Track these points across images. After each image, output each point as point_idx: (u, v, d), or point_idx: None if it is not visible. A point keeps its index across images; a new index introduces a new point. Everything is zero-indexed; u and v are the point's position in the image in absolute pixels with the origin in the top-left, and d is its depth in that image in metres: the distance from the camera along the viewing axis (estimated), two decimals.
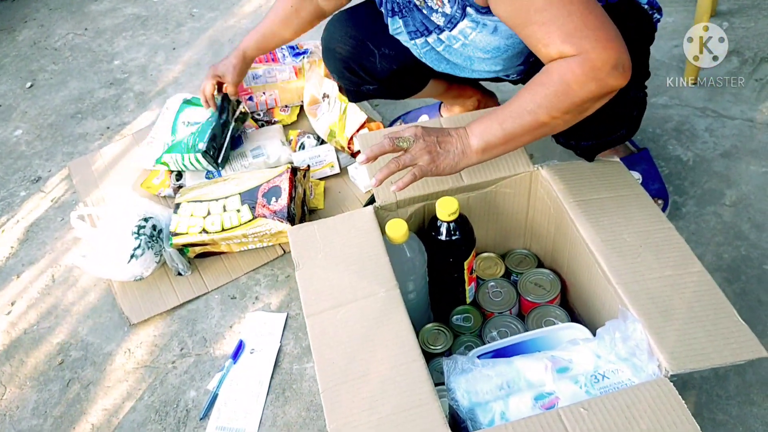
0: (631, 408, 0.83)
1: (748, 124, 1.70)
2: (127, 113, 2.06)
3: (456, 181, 1.16)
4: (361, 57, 1.39)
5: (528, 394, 0.89)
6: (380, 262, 1.04)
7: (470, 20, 1.13)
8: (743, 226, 1.48)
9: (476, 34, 1.16)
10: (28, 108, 2.14)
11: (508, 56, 1.21)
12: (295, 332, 1.41)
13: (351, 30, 1.39)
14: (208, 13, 2.46)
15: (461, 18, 1.13)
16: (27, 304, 1.55)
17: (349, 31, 1.39)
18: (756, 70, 1.83)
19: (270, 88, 1.86)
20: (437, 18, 1.17)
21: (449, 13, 1.14)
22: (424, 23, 1.21)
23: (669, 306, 0.94)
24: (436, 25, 1.19)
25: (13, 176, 1.90)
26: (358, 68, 1.41)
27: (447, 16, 1.15)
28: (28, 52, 2.40)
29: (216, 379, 1.35)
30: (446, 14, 1.15)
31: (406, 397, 0.87)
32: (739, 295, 1.35)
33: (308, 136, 1.78)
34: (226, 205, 1.51)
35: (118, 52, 2.34)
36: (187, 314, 1.48)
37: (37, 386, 1.39)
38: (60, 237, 1.69)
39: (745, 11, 2.02)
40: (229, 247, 1.53)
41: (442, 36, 1.20)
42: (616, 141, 1.26)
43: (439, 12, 1.16)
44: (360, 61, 1.39)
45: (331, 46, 1.42)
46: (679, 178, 1.59)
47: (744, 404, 1.20)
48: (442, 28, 1.19)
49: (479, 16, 1.11)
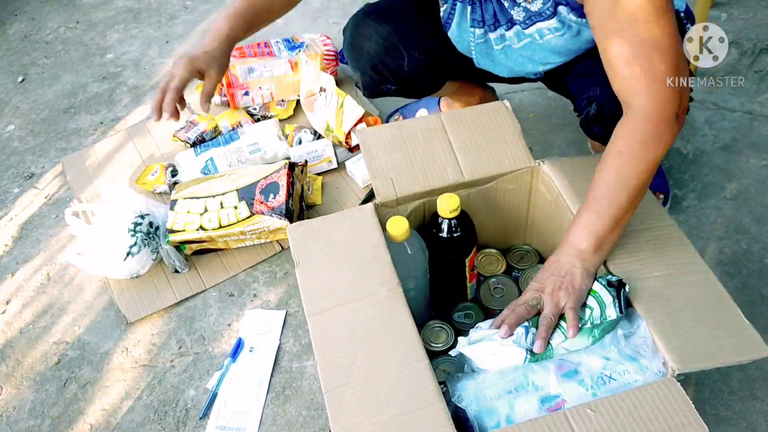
0: (638, 408, 0.82)
1: (748, 117, 1.70)
2: (121, 108, 2.03)
3: (457, 177, 1.14)
4: (390, 58, 1.34)
5: (534, 396, 0.88)
6: (381, 260, 1.03)
7: (558, 20, 1.11)
8: (744, 220, 1.47)
9: (555, 36, 1.15)
10: (20, 103, 2.11)
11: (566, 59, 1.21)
12: (295, 330, 1.40)
13: (382, 29, 1.33)
14: (201, 5, 2.44)
15: (549, 17, 1.11)
16: (22, 303, 1.53)
17: (380, 30, 1.33)
18: (755, 62, 1.82)
19: (266, 82, 1.83)
20: (517, 12, 1.14)
21: (535, 10, 1.11)
22: (496, 15, 1.18)
23: (673, 305, 0.93)
24: (510, 18, 1.16)
25: (6, 173, 1.88)
26: (384, 69, 1.37)
27: (530, 12, 1.12)
28: (19, 45, 2.37)
29: (215, 377, 1.34)
30: (529, 10, 1.12)
31: (410, 398, 0.86)
32: (741, 290, 1.35)
33: (305, 130, 1.77)
34: (223, 202, 1.49)
35: (111, 45, 2.31)
36: (185, 312, 1.46)
37: (34, 386, 1.38)
38: (54, 234, 1.67)
39: (743, 2, 2.01)
40: (226, 244, 1.52)
41: (509, 33, 1.18)
42: None
43: (522, 6, 1.13)
44: (388, 62, 1.35)
45: (360, 43, 1.36)
46: (679, 171, 1.58)
47: (747, 400, 1.20)
48: (514, 22, 1.16)
49: (571, 15, 1.09)
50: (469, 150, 1.18)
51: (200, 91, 1.97)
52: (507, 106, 1.23)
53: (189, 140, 1.79)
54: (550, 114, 1.77)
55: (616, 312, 0.92)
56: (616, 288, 0.94)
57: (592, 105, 1.21)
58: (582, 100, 1.23)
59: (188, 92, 2.03)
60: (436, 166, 1.15)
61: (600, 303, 0.94)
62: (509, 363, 0.93)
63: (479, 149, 1.17)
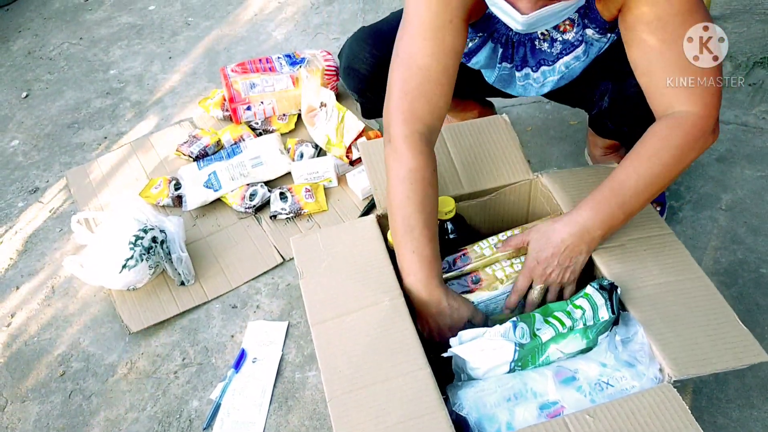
0: (636, 414, 0.84)
1: (742, 129, 1.72)
2: (124, 122, 2.06)
3: (457, 189, 1.17)
4: (383, 77, 1.36)
5: (533, 403, 0.90)
6: (383, 270, 1.05)
7: (584, 48, 1.14)
8: (739, 230, 1.49)
9: (579, 64, 1.17)
10: (24, 118, 2.14)
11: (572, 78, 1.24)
12: (297, 341, 1.42)
13: (374, 49, 1.35)
14: (203, 21, 2.47)
15: (578, 45, 1.13)
16: (27, 316, 1.55)
17: (372, 50, 1.35)
18: (749, 75, 1.85)
19: (267, 97, 1.86)
20: (554, 48, 1.16)
21: (571, 39, 1.13)
22: (526, 57, 1.20)
23: (670, 312, 0.95)
24: (542, 59, 1.18)
25: (11, 187, 1.90)
26: (379, 88, 1.39)
27: (566, 44, 1.14)
28: (23, 61, 2.40)
29: (218, 388, 1.35)
30: (567, 41, 1.14)
31: (413, 406, 0.88)
32: (737, 299, 1.36)
33: (306, 144, 1.79)
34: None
35: (114, 61, 2.34)
36: (189, 324, 1.48)
37: (39, 398, 1.39)
38: (59, 247, 1.69)
39: (737, 16, 2.04)
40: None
41: (535, 74, 1.21)
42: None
43: (559, 41, 1.14)
44: (382, 81, 1.38)
45: (353, 65, 1.38)
46: (675, 182, 1.61)
47: (744, 407, 1.21)
48: (545, 63, 1.18)
49: (596, 34, 1.11)
50: (468, 162, 1.20)
51: (203, 105, 2.00)
52: (506, 119, 1.26)
53: (192, 154, 1.81)
54: (547, 127, 1.79)
55: (608, 313, 0.94)
56: (608, 291, 0.96)
57: (604, 98, 1.22)
58: (594, 95, 1.24)
59: (191, 107, 2.07)
60: None
61: (592, 305, 0.96)
62: (499, 358, 0.94)
63: (479, 162, 1.20)
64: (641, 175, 0.98)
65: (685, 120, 0.97)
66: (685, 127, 0.97)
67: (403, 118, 1.07)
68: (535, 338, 0.96)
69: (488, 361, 0.96)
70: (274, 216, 1.65)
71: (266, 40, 2.32)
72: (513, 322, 0.97)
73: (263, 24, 2.41)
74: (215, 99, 1.98)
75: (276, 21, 2.41)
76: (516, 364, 0.96)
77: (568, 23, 1.11)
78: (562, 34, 1.13)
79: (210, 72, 2.21)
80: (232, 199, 1.68)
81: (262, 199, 1.67)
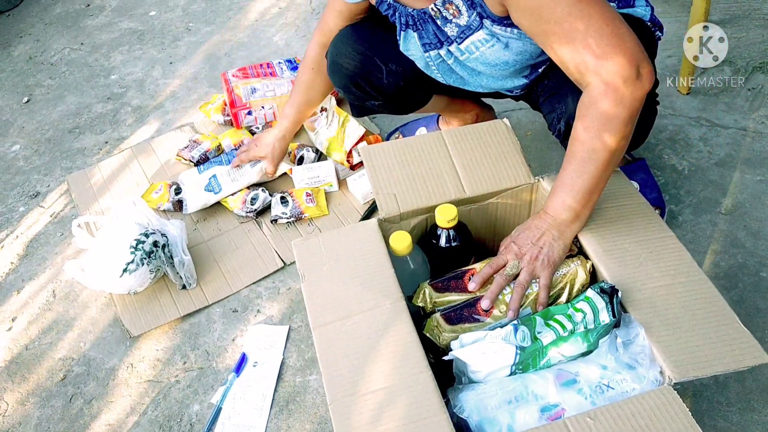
0: (636, 417, 0.84)
1: (742, 133, 1.73)
2: (125, 127, 2.06)
3: (458, 193, 1.17)
4: (368, 72, 1.39)
5: (534, 406, 0.90)
6: (385, 273, 1.05)
7: (486, 32, 1.15)
8: (739, 234, 1.50)
9: (487, 48, 1.18)
10: (25, 123, 2.14)
11: (514, 71, 1.24)
12: (298, 345, 1.42)
13: (358, 45, 1.39)
14: (204, 27, 2.48)
15: (477, 29, 1.15)
16: (28, 320, 1.55)
17: (356, 46, 1.39)
18: (748, 80, 1.86)
19: (268, 101, 1.87)
20: (450, 29, 1.19)
21: (464, 24, 1.16)
22: (437, 35, 1.22)
23: (671, 314, 0.96)
24: (447, 36, 1.21)
25: (12, 191, 1.90)
26: (364, 84, 1.41)
27: (461, 27, 1.17)
28: (24, 67, 2.41)
29: (219, 392, 1.35)
30: (460, 25, 1.16)
31: (413, 409, 0.88)
32: (737, 303, 1.37)
33: (307, 149, 1.79)
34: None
35: (115, 66, 2.35)
36: (189, 328, 1.48)
37: (40, 402, 1.39)
38: (60, 252, 1.69)
39: (736, 21, 2.05)
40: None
41: (452, 48, 1.22)
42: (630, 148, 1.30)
43: (453, 23, 1.17)
44: (367, 76, 1.40)
45: (338, 60, 1.42)
46: (675, 187, 1.61)
47: (744, 411, 1.21)
48: (452, 39, 1.20)
49: (495, 27, 1.13)
50: (470, 166, 1.20)
51: (204, 110, 2.00)
52: (507, 124, 1.26)
53: (193, 159, 1.81)
54: (547, 132, 1.79)
55: (609, 316, 0.94)
56: (609, 294, 0.96)
57: (561, 122, 1.24)
58: (552, 119, 1.26)
59: (192, 111, 2.07)
60: (438, 183, 1.18)
61: (593, 308, 0.96)
62: (500, 361, 0.95)
63: (480, 166, 1.20)
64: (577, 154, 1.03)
65: (596, 90, 0.99)
66: (601, 97, 0.99)
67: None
68: (536, 341, 0.96)
69: (489, 365, 0.96)
70: (274, 220, 1.65)
71: (267, 45, 2.33)
72: (514, 325, 0.97)
73: (264, 29, 2.42)
74: (216, 104, 1.98)
75: (276, 26, 2.42)
76: (517, 367, 0.96)
77: (454, 9, 1.14)
78: (453, 17, 1.16)
79: (211, 77, 2.22)
80: (233, 203, 1.68)
81: (263, 204, 1.67)
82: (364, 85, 1.41)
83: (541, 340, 0.96)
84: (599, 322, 0.96)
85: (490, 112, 1.73)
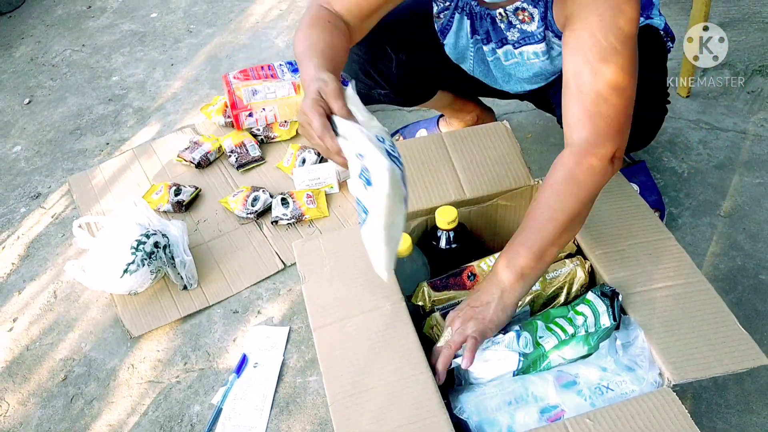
0: (635, 418, 0.84)
1: (741, 136, 1.73)
2: (127, 129, 2.07)
3: (458, 195, 1.18)
4: (378, 61, 1.38)
5: (534, 407, 0.90)
6: None
7: (545, 45, 1.15)
8: (738, 237, 1.50)
9: (537, 60, 1.19)
10: (26, 124, 2.15)
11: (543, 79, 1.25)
12: (298, 346, 1.42)
13: (371, 34, 1.35)
14: (205, 29, 2.48)
15: (539, 40, 1.15)
16: (29, 320, 1.55)
17: (369, 35, 1.36)
18: (748, 83, 1.86)
19: (269, 103, 1.87)
20: (512, 33, 1.18)
21: (532, 31, 1.15)
22: (489, 33, 1.22)
23: (670, 316, 0.96)
24: (504, 37, 1.20)
25: (13, 192, 1.91)
26: (374, 72, 1.41)
27: (525, 33, 1.16)
28: (25, 68, 2.41)
29: (220, 393, 1.35)
30: (525, 31, 1.16)
31: (413, 410, 0.89)
32: (736, 305, 1.37)
33: (309, 150, 1.80)
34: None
35: (116, 68, 2.35)
36: (190, 329, 1.48)
37: (41, 403, 1.39)
38: (61, 253, 1.70)
39: (736, 24, 2.05)
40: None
41: (499, 51, 1.22)
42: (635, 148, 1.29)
43: (517, 28, 1.16)
44: (377, 65, 1.39)
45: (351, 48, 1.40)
46: (674, 189, 1.62)
47: (743, 413, 1.22)
48: (509, 42, 1.20)
49: (554, 39, 1.14)
50: (470, 169, 1.21)
51: (205, 112, 2.01)
52: (507, 126, 1.27)
53: (194, 161, 1.82)
54: (547, 134, 1.80)
55: (610, 320, 0.95)
56: (610, 298, 0.96)
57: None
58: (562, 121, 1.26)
59: (193, 113, 2.08)
60: (438, 184, 1.19)
61: (594, 311, 0.97)
62: (503, 368, 0.95)
63: (480, 168, 1.21)
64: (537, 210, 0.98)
65: (578, 149, 0.97)
66: (578, 158, 0.97)
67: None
68: (539, 347, 0.96)
69: (492, 372, 0.97)
70: (275, 221, 1.66)
71: (268, 48, 2.34)
72: (516, 331, 0.97)
73: (265, 31, 2.42)
74: (217, 106, 1.99)
75: (278, 28, 2.42)
76: (519, 372, 0.97)
77: (527, 15, 1.13)
78: (521, 22, 1.15)
79: (212, 79, 2.22)
80: (234, 204, 1.69)
81: (263, 205, 1.68)
82: (373, 74, 1.41)
83: (543, 346, 0.96)
84: (600, 326, 0.96)
85: (491, 114, 1.74)
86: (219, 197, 1.76)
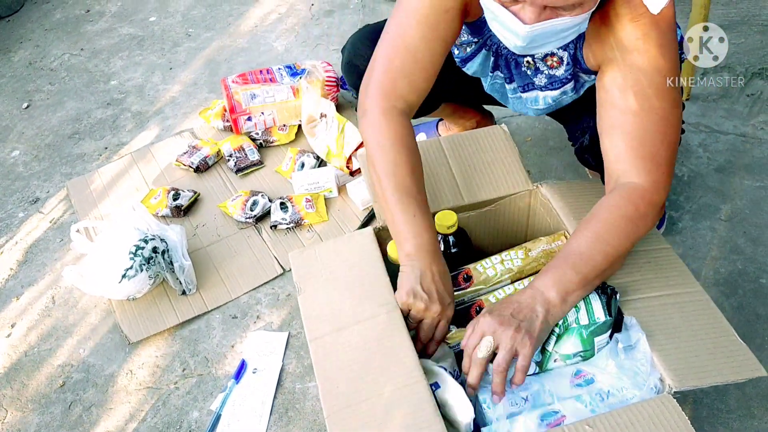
0: (635, 424, 0.84)
1: (741, 139, 1.73)
2: (125, 133, 2.06)
3: (457, 200, 1.17)
4: None
5: (534, 413, 0.90)
6: (381, 283, 1.04)
7: (573, 83, 1.14)
8: (739, 240, 1.50)
9: (568, 96, 1.18)
10: (25, 129, 2.14)
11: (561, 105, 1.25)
12: (297, 351, 1.42)
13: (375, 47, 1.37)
14: (204, 33, 2.48)
15: (568, 81, 1.14)
16: (27, 326, 1.55)
17: (372, 47, 1.34)
18: (747, 86, 1.86)
19: (268, 107, 1.87)
20: (539, 79, 1.16)
21: (560, 75, 1.13)
22: (513, 75, 1.20)
23: (670, 323, 0.95)
24: (530, 82, 1.18)
25: (11, 197, 1.90)
26: None
27: (553, 78, 1.15)
28: (24, 72, 2.41)
29: (219, 399, 1.35)
30: (553, 76, 1.14)
31: (410, 420, 0.88)
32: (737, 309, 1.37)
33: (308, 155, 1.80)
34: None
35: (115, 72, 2.35)
36: (189, 334, 1.48)
37: (39, 409, 1.39)
38: (59, 258, 1.69)
39: (735, 27, 2.05)
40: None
41: (525, 94, 1.22)
42: None
43: (544, 73, 1.15)
44: None
45: (355, 62, 1.38)
46: (674, 193, 1.61)
47: (745, 418, 1.21)
48: (533, 87, 1.18)
49: (582, 74, 1.12)
50: (468, 173, 1.20)
51: (203, 116, 2.00)
52: (505, 130, 1.26)
53: (192, 165, 1.82)
54: (546, 138, 1.80)
55: (604, 315, 0.94)
56: (608, 295, 0.96)
57: (585, 135, 1.23)
58: (576, 131, 1.26)
59: (191, 117, 2.07)
60: (436, 190, 1.18)
61: (586, 303, 0.96)
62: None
63: (478, 172, 1.20)
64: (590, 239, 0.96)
65: (635, 192, 0.97)
66: (635, 200, 0.97)
67: (383, 93, 1.07)
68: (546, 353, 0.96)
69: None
70: (274, 226, 1.65)
71: (267, 51, 2.33)
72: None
73: (264, 35, 2.42)
74: (216, 110, 1.98)
75: (276, 32, 2.42)
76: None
77: (556, 60, 1.11)
78: (550, 69, 1.14)
79: (210, 83, 2.22)
80: (233, 208, 1.69)
81: (262, 209, 1.67)
82: None
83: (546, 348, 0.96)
84: (594, 320, 0.95)
85: (491, 119, 1.74)
86: (218, 202, 1.76)
